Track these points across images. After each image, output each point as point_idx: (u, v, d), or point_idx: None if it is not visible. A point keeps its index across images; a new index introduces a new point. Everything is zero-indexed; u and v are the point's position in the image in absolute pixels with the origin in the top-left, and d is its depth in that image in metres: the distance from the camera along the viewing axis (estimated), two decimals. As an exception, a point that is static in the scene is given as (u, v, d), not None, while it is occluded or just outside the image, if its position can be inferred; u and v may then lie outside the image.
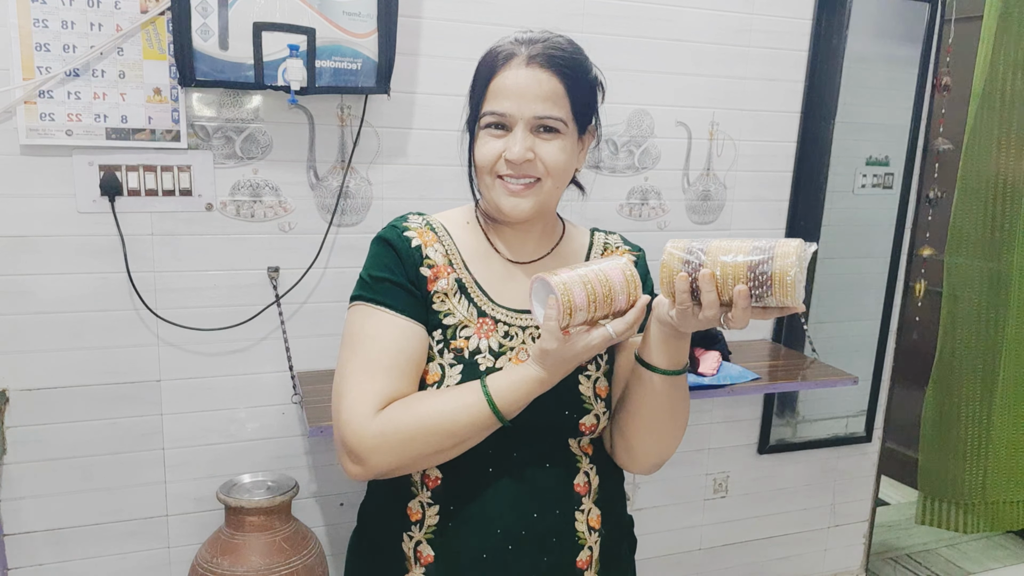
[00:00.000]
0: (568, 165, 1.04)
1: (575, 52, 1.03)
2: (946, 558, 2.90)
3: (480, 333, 1.03)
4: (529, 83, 0.99)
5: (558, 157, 1.01)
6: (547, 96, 0.99)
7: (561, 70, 1.00)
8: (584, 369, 1.06)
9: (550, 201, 1.06)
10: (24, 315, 1.73)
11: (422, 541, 1.04)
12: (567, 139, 1.02)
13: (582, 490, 1.07)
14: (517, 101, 0.99)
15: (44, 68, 1.62)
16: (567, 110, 1.01)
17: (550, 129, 1.00)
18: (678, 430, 1.10)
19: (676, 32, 2.09)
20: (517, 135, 0.99)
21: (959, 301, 2.67)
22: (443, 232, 1.09)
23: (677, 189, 2.20)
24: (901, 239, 2.45)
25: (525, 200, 1.02)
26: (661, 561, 2.42)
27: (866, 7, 2.23)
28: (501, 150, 1.01)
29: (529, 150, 1.00)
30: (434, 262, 1.05)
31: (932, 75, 2.36)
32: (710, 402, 2.34)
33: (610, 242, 1.16)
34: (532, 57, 0.99)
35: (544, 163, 1.01)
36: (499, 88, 1.00)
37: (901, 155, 2.39)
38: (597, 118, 1.09)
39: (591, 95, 1.05)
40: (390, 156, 1.92)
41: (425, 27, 1.88)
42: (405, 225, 1.08)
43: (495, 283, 1.07)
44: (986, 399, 2.69)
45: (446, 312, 1.03)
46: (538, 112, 0.99)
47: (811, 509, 2.58)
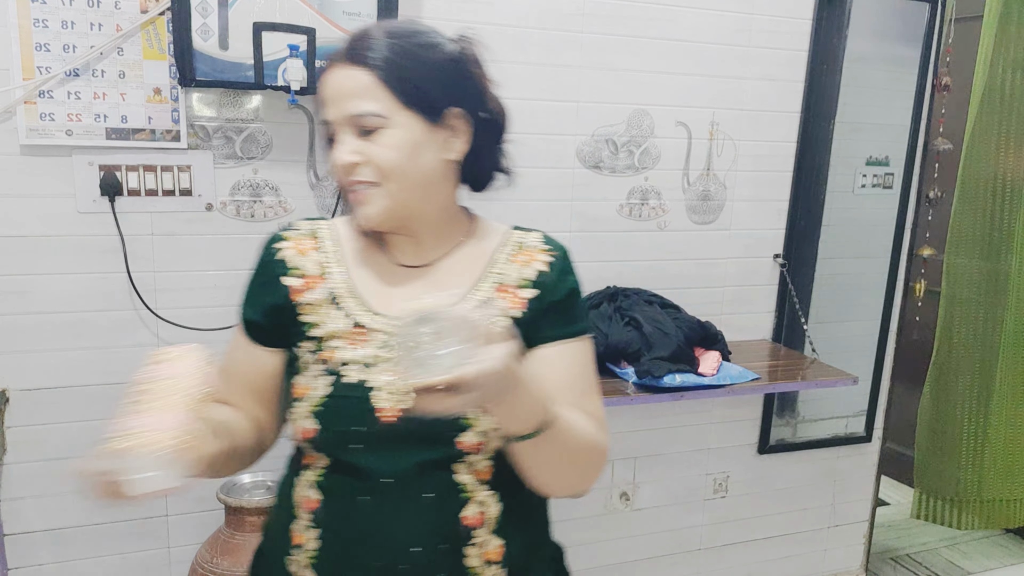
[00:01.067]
0: (411, 161, 0.92)
1: (395, 35, 0.93)
2: (946, 558, 2.90)
3: (353, 343, 0.95)
4: (339, 82, 0.91)
5: (388, 155, 0.91)
6: (356, 92, 0.90)
7: (369, 60, 0.90)
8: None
9: (409, 203, 0.95)
10: (24, 315, 1.73)
11: (306, 566, 0.97)
12: (400, 132, 0.91)
13: (474, 522, 0.95)
14: (333, 104, 0.92)
15: (44, 68, 1.62)
16: (387, 101, 0.90)
17: (371, 127, 0.91)
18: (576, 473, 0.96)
19: (676, 32, 2.09)
20: (341, 139, 0.92)
21: (958, 301, 2.67)
22: (330, 238, 1.02)
23: (677, 189, 2.20)
24: (901, 239, 2.45)
25: (370, 207, 0.93)
26: (661, 561, 2.42)
27: (866, 7, 2.23)
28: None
29: (355, 153, 0.91)
30: (304, 272, 0.99)
31: (932, 75, 2.36)
32: (710, 402, 2.34)
33: (528, 241, 1.04)
34: (341, 55, 0.92)
35: (375, 164, 0.91)
36: (321, 97, 0.94)
37: (901, 155, 2.39)
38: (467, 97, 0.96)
39: (433, 75, 0.93)
40: (390, 156, 1.91)
41: (425, 27, 1.88)
42: (282, 234, 1.03)
43: (381, 289, 0.99)
44: (983, 398, 2.69)
45: (315, 323, 0.97)
46: (349, 111, 0.90)
47: (811, 509, 2.58)
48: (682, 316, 2.11)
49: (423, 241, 1.00)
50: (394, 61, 0.91)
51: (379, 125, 0.90)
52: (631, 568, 2.38)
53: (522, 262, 1.01)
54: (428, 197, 0.96)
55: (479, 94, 0.98)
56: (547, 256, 1.01)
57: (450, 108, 0.94)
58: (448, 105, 0.94)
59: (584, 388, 1.01)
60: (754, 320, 2.38)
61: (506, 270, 1.00)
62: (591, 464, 0.97)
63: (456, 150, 0.96)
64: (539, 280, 0.99)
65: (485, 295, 0.98)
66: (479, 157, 1.00)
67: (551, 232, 1.09)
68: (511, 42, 1.95)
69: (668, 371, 1.89)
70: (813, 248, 2.36)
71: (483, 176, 1.04)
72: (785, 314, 2.36)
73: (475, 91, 0.98)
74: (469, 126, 0.96)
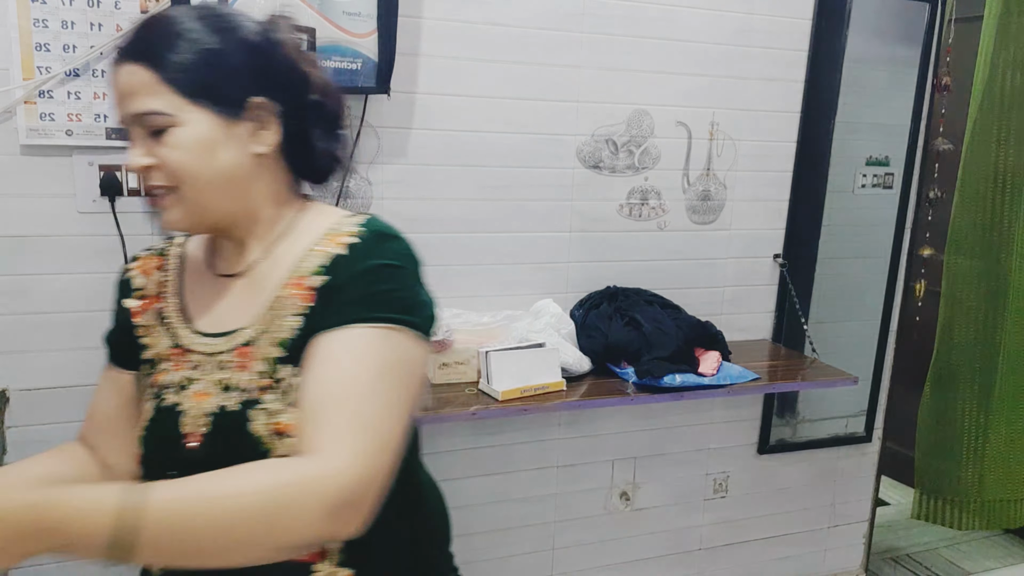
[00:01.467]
0: (205, 161, 0.83)
1: (177, 23, 0.83)
2: (946, 558, 2.90)
3: (175, 365, 0.90)
4: (121, 80, 0.83)
5: (177, 157, 0.82)
6: (134, 90, 0.82)
7: (140, 54, 0.82)
8: (257, 402, 0.84)
9: (211, 206, 0.86)
10: (24, 315, 1.73)
11: None
12: (190, 130, 0.82)
13: (310, 556, 0.85)
14: (119, 106, 0.84)
15: (44, 68, 1.62)
16: (171, 97, 0.82)
17: (158, 127, 0.83)
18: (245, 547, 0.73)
19: (676, 32, 2.09)
20: (133, 142, 0.85)
21: (958, 301, 2.67)
22: (176, 255, 0.99)
23: (677, 189, 2.20)
24: (901, 239, 2.45)
25: (169, 213, 0.86)
26: (661, 561, 2.42)
27: (866, 7, 2.23)
28: None
29: (149, 155, 0.84)
30: (145, 292, 0.96)
31: (932, 75, 2.36)
32: (710, 402, 2.34)
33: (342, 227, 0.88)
34: (121, 50, 0.84)
35: (166, 170, 0.83)
36: (115, 94, 0.85)
37: (901, 155, 2.39)
38: (274, 85, 0.87)
39: (225, 64, 0.84)
40: (390, 156, 1.92)
41: (425, 27, 1.88)
42: (137, 256, 1.00)
43: (206, 305, 0.93)
44: (983, 398, 2.69)
45: (148, 345, 0.94)
46: (133, 110, 0.83)
47: (811, 509, 2.58)
48: (682, 316, 2.11)
49: (245, 244, 0.92)
50: (174, 53, 0.82)
51: (166, 124, 0.82)
52: (631, 568, 2.38)
53: (322, 250, 0.87)
54: (236, 197, 0.87)
55: (292, 80, 0.89)
56: (351, 239, 0.86)
57: (252, 98, 0.85)
58: (249, 95, 0.85)
59: (345, 395, 0.77)
60: (754, 320, 2.38)
61: (307, 261, 0.87)
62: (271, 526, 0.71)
63: (267, 143, 0.87)
64: (332, 264, 0.85)
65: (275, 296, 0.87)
66: (307, 147, 0.91)
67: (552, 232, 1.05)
68: (511, 42, 1.95)
69: (668, 371, 1.89)
70: (813, 248, 2.36)
71: (317, 167, 0.95)
72: (785, 314, 2.36)
73: (286, 78, 0.88)
74: (277, 116, 0.87)
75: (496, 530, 2.19)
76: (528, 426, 2.16)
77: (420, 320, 0.84)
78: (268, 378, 0.85)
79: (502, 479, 2.17)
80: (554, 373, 1.86)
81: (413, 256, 0.88)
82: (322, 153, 0.93)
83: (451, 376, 1.86)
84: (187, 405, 0.87)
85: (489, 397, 1.80)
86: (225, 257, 0.94)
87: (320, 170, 0.96)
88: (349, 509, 0.73)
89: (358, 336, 0.80)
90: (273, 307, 0.86)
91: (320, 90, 0.92)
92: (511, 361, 1.81)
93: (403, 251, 0.87)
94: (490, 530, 2.18)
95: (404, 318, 0.82)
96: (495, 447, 2.14)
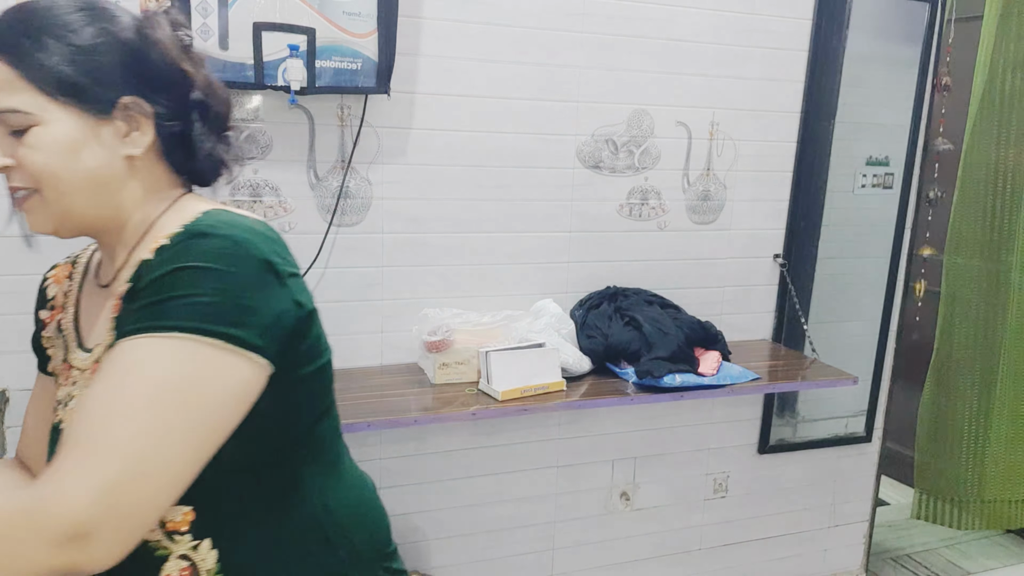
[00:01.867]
0: (69, 163, 0.78)
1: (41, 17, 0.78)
2: (946, 558, 2.90)
3: (63, 381, 0.89)
4: None
5: (36, 158, 0.77)
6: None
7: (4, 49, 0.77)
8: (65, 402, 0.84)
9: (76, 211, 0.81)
10: (24, 315, 1.72)
11: None
12: (52, 130, 0.77)
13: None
14: None
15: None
16: (32, 95, 0.76)
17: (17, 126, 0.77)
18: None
19: (676, 32, 2.09)
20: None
21: (958, 301, 2.68)
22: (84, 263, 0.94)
23: (677, 189, 2.20)
24: (901, 239, 2.45)
25: (32, 216, 0.81)
26: (661, 561, 2.42)
27: (866, 7, 2.23)
28: None
29: (7, 155, 0.78)
30: (55, 303, 0.93)
31: (932, 75, 2.36)
32: (710, 402, 2.34)
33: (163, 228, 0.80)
34: None
35: (26, 171, 0.78)
36: None
37: (901, 155, 2.39)
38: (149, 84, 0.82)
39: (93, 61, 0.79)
40: (390, 156, 1.92)
41: (425, 27, 1.88)
42: (56, 264, 0.97)
43: (91, 317, 0.90)
44: (983, 398, 2.69)
45: (51, 359, 0.94)
46: None
47: (811, 509, 2.58)
48: (682, 316, 2.11)
49: (115, 252, 0.86)
50: (37, 48, 0.76)
51: (26, 123, 0.77)
52: (631, 568, 2.38)
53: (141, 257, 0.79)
54: (103, 201, 0.81)
55: (170, 80, 0.83)
56: (163, 241, 0.76)
57: (122, 98, 0.80)
58: (120, 95, 0.80)
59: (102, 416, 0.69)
60: (754, 320, 2.38)
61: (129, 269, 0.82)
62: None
63: (138, 144, 0.82)
64: (137, 272, 0.77)
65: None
66: (189, 149, 0.86)
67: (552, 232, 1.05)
68: (511, 42, 1.95)
69: (668, 371, 1.89)
70: (813, 248, 2.36)
71: (200, 169, 0.89)
72: (785, 314, 2.36)
73: (163, 77, 0.83)
74: (151, 117, 0.82)
75: (496, 530, 2.19)
76: (528, 426, 2.16)
77: (234, 330, 0.72)
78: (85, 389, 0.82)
79: (502, 479, 2.17)
80: (554, 373, 1.86)
81: (237, 256, 0.74)
82: (207, 155, 0.88)
83: (451, 376, 1.86)
84: (66, 423, 0.85)
85: (489, 397, 1.80)
86: (104, 266, 0.90)
87: (204, 172, 0.90)
88: (80, 542, 0.64)
89: (135, 348, 0.70)
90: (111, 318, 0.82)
91: (203, 89, 0.86)
92: (511, 361, 1.81)
93: (219, 250, 0.74)
94: (490, 530, 2.18)
95: (201, 326, 0.70)
96: (495, 447, 2.14)
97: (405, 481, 2.06)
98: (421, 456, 2.06)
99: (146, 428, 0.68)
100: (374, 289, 1.95)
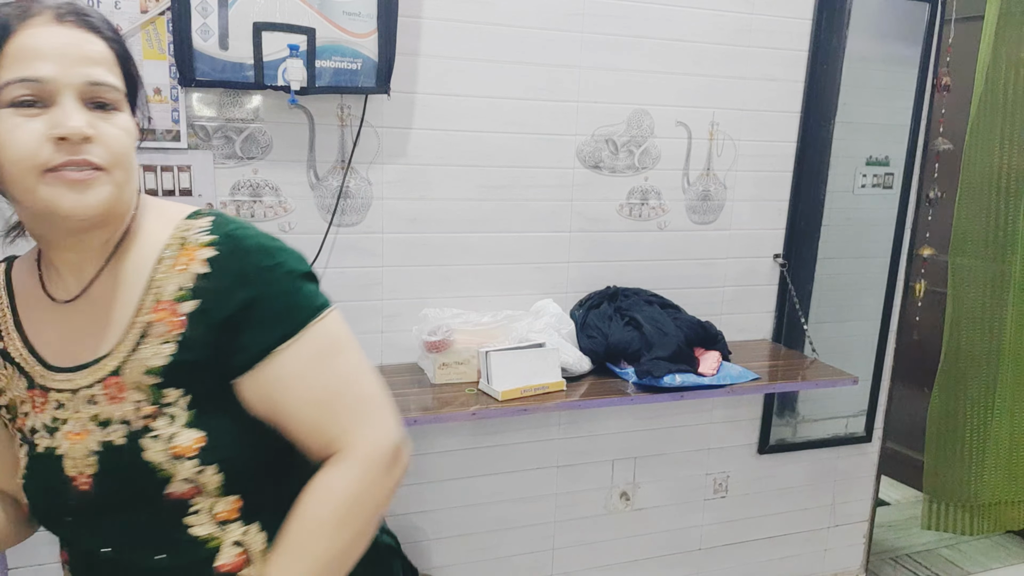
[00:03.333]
0: (133, 152, 0.81)
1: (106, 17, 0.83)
2: (946, 558, 2.90)
3: (36, 408, 0.84)
4: (72, 42, 0.76)
5: (124, 141, 0.79)
6: (98, 60, 0.77)
7: (104, 33, 0.80)
8: (146, 430, 0.80)
9: (124, 199, 0.81)
10: None
11: None
12: (127, 117, 0.81)
13: (236, 565, 0.85)
14: (60, 63, 0.75)
15: (44, 68, 1.62)
16: (122, 82, 0.81)
17: (105, 105, 0.78)
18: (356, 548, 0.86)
19: (676, 32, 2.09)
20: (67, 106, 0.75)
21: (963, 301, 2.67)
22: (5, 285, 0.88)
23: (677, 189, 2.20)
24: (901, 239, 2.45)
25: (91, 194, 0.76)
26: (661, 561, 2.42)
27: (866, 7, 2.23)
28: (43, 132, 0.74)
29: (90, 125, 0.76)
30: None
31: (932, 75, 2.36)
32: (710, 402, 2.34)
33: (190, 235, 0.84)
34: (63, 15, 0.77)
35: (108, 148, 0.77)
36: (28, 49, 0.74)
37: (901, 155, 2.39)
38: (143, 101, 0.87)
39: (136, 70, 0.84)
40: (390, 156, 1.92)
41: (425, 27, 1.88)
42: None
43: (50, 337, 0.85)
44: (991, 399, 2.69)
45: (1, 389, 0.87)
46: (93, 77, 0.76)
47: (811, 509, 2.58)
48: (682, 316, 2.11)
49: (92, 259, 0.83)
50: (121, 42, 0.82)
51: (115, 104, 0.79)
52: (631, 568, 2.38)
53: (182, 266, 0.82)
54: (132, 194, 0.84)
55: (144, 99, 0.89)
56: (208, 251, 0.81)
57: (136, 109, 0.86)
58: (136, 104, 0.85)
59: (330, 403, 0.84)
60: (754, 320, 2.38)
61: (164, 280, 0.82)
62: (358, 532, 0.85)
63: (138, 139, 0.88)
64: (198, 287, 0.81)
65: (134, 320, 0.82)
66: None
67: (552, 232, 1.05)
68: (511, 42, 1.95)
69: (668, 371, 1.89)
70: (813, 248, 2.36)
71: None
72: (785, 314, 2.36)
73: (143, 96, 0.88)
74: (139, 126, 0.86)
75: (496, 530, 2.19)
76: (528, 426, 2.16)
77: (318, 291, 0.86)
78: (151, 405, 0.81)
79: (502, 479, 2.17)
80: (554, 373, 1.86)
81: (267, 237, 0.85)
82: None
83: (451, 376, 1.86)
84: (64, 448, 0.82)
85: (489, 397, 1.80)
86: (54, 280, 0.85)
87: None
88: (402, 452, 0.88)
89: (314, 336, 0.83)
90: (136, 332, 0.81)
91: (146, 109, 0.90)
92: (511, 361, 1.81)
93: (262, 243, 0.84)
94: (490, 530, 2.18)
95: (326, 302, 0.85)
96: (495, 447, 2.14)
97: (405, 481, 2.05)
98: (421, 456, 2.06)
99: (365, 368, 0.87)
100: (374, 289, 1.95)
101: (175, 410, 0.81)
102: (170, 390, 0.81)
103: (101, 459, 0.81)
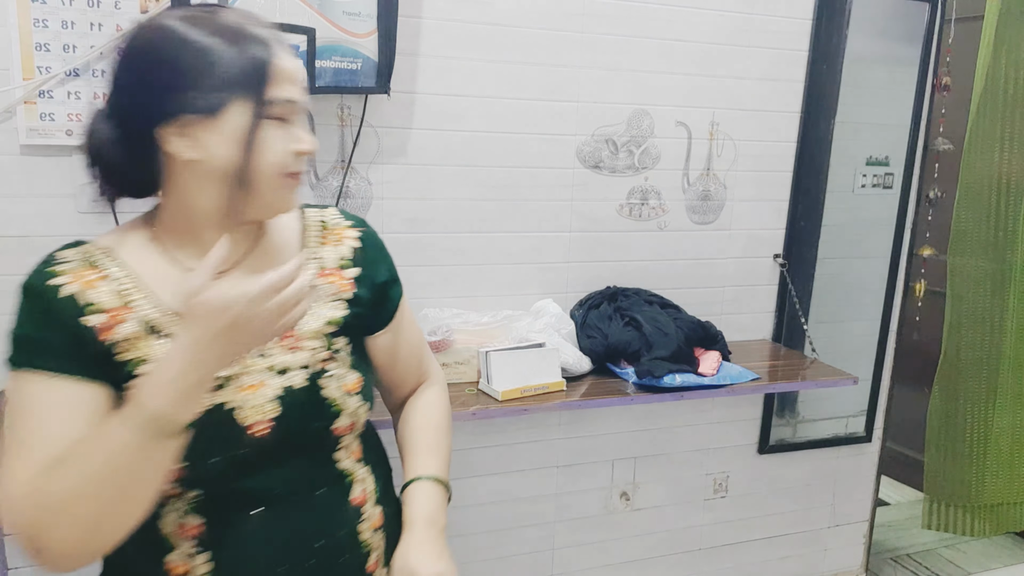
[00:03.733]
0: None
1: None
2: (946, 558, 2.90)
3: None
4: (300, 71, 0.92)
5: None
6: (298, 81, 0.92)
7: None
8: (323, 372, 0.95)
9: None
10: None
11: None
12: None
13: (361, 500, 1.01)
14: (300, 89, 0.92)
15: (44, 68, 1.62)
16: None
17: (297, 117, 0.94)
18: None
19: (676, 32, 2.09)
20: (303, 125, 0.93)
21: (963, 301, 2.66)
22: (112, 263, 0.92)
23: (677, 189, 2.20)
24: (901, 239, 2.45)
25: (296, 194, 0.96)
26: (661, 561, 2.42)
27: (866, 7, 2.23)
28: (286, 143, 0.90)
29: None
30: (103, 307, 0.87)
31: (932, 75, 2.36)
32: (710, 402, 2.34)
33: (327, 219, 1.07)
34: (284, 43, 0.92)
35: (311, 153, 0.96)
36: (283, 73, 0.89)
37: (901, 155, 2.39)
38: None
39: None
40: (390, 156, 1.92)
41: (425, 27, 1.88)
42: (52, 270, 0.89)
43: None
44: (991, 399, 2.69)
45: (140, 359, 0.87)
46: (301, 97, 0.93)
47: (811, 509, 2.58)
48: (682, 316, 2.11)
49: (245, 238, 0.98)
50: None
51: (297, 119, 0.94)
52: (631, 568, 2.38)
53: (334, 242, 1.05)
54: None
55: None
56: (356, 231, 1.07)
57: None
58: None
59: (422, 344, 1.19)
60: (754, 320, 2.38)
61: (321, 253, 1.03)
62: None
63: None
64: (356, 257, 1.05)
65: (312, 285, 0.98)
66: None
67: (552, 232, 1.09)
68: (511, 42, 1.95)
69: (668, 371, 1.89)
70: (813, 248, 2.36)
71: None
72: (785, 314, 2.36)
73: None
74: None
75: (496, 530, 2.19)
76: (528, 426, 2.16)
77: None
78: (326, 351, 0.97)
79: (502, 479, 2.17)
80: (554, 373, 1.86)
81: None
82: None
83: (451, 376, 1.86)
84: (238, 400, 0.90)
85: (489, 397, 1.80)
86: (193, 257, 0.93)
87: None
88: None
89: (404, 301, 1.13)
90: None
91: None
92: (511, 361, 1.81)
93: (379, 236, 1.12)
94: (490, 530, 2.18)
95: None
96: (495, 447, 2.14)
97: (405, 481, 2.06)
98: (421, 456, 2.06)
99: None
100: (374, 289, 1.95)
101: (343, 355, 0.99)
102: (340, 339, 0.99)
103: (283, 402, 0.92)
